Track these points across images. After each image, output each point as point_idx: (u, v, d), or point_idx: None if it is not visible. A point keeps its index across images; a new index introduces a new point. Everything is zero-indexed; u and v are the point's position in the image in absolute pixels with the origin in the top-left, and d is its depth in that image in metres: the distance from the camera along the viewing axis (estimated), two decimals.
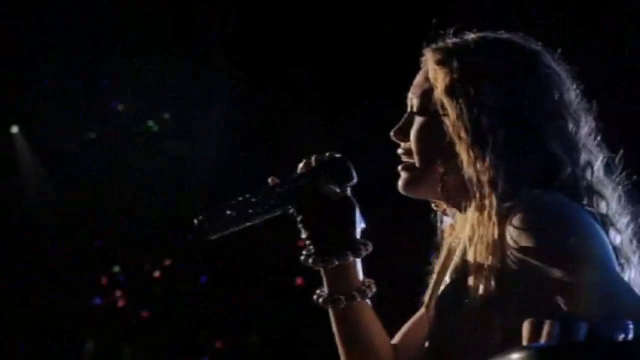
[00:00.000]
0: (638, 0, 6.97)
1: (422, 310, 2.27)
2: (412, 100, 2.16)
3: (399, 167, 2.18)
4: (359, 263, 2.18)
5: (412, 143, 2.12)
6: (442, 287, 2.15)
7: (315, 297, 2.20)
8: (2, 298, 7.89)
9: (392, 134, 2.19)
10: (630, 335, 1.36)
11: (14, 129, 8.20)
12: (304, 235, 2.17)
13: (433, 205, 2.25)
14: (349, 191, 2.19)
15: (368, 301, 2.21)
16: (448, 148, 2.06)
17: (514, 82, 2.04)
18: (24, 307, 7.86)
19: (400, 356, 2.26)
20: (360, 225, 2.17)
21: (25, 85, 8.25)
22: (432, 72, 2.12)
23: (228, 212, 2.15)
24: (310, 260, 2.16)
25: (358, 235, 2.17)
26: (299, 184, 2.16)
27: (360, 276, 2.19)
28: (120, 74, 8.45)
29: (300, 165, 2.22)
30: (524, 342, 1.39)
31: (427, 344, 2.14)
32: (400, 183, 2.16)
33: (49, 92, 8.11)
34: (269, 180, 2.23)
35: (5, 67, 8.04)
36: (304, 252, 2.18)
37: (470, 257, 2.04)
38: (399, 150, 2.19)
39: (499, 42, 2.13)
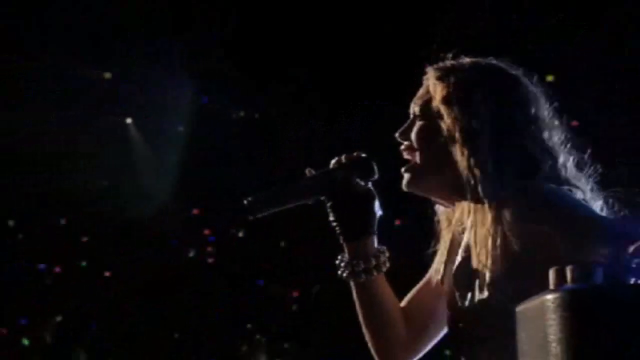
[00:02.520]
0: (638, 1, 6.98)
1: (427, 278, 2.69)
2: (414, 108, 2.57)
3: (403, 169, 2.57)
4: (375, 242, 2.62)
5: (413, 141, 2.53)
6: (456, 264, 2.55)
7: (339, 272, 2.62)
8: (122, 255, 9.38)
9: (397, 134, 2.58)
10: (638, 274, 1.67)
11: (129, 120, 9.06)
12: (331, 218, 2.61)
13: (433, 200, 2.63)
14: (370, 185, 2.62)
15: (382, 275, 2.64)
16: (444, 147, 2.47)
17: (498, 97, 2.48)
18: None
19: (408, 316, 2.69)
20: (378, 213, 2.61)
21: (26, 85, 8.28)
22: (432, 85, 2.54)
23: (270, 196, 2.59)
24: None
25: (376, 221, 2.62)
26: (331, 176, 2.59)
27: (375, 249, 2.63)
28: (121, 73, 8.48)
29: (333, 161, 2.62)
30: (551, 287, 1.66)
31: (448, 312, 2.57)
32: (404, 182, 2.56)
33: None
34: (306, 171, 2.62)
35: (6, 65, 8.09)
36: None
37: (474, 239, 2.44)
38: (402, 147, 2.58)
39: (488, 65, 2.57)
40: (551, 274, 1.67)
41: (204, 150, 8.83)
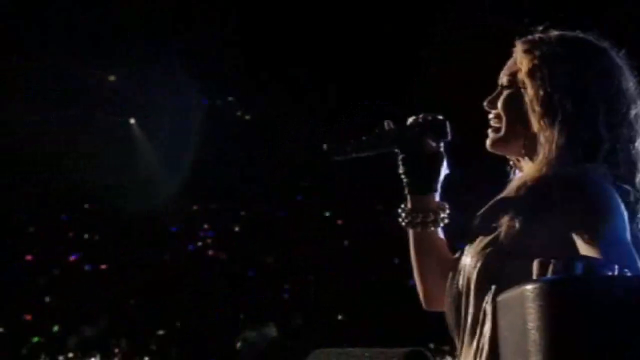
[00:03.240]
0: (638, 1, 6.98)
1: None
2: (503, 78, 2.71)
3: (489, 130, 2.71)
4: (436, 198, 2.77)
5: (499, 109, 2.68)
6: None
7: (399, 220, 2.75)
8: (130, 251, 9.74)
9: (485, 103, 2.71)
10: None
11: (132, 120, 9.37)
12: (400, 170, 2.76)
13: (511, 162, 2.77)
14: (442, 145, 2.77)
15: (440, 230, 2.79)
16: (526, 116, 2.61)
17: (580, 70, 2.61)
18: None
19: (457, 268, 2.82)
20: (445, 171, 2.77)
21: (26, 85, 8.29)
22: (519, 58, 2.68)
23: (349, 143, 2.70)
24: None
25: (441, 179, 2.79)
26: (407, 132, 2.75)
27: (436, 205, 2.78)
28: (121, 72, 8.50)
29: (410, 119, 2.76)
30: (534, 277, 1.80)
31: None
32: (488, 142, 2.71)
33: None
34: (385, 123, 2.74)
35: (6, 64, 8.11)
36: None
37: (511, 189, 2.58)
38: (490, 115, 2.72)
39: (573, 39, 2.70)
40: (535, 265, 1.82)
41: (203, 150, 8.84)
